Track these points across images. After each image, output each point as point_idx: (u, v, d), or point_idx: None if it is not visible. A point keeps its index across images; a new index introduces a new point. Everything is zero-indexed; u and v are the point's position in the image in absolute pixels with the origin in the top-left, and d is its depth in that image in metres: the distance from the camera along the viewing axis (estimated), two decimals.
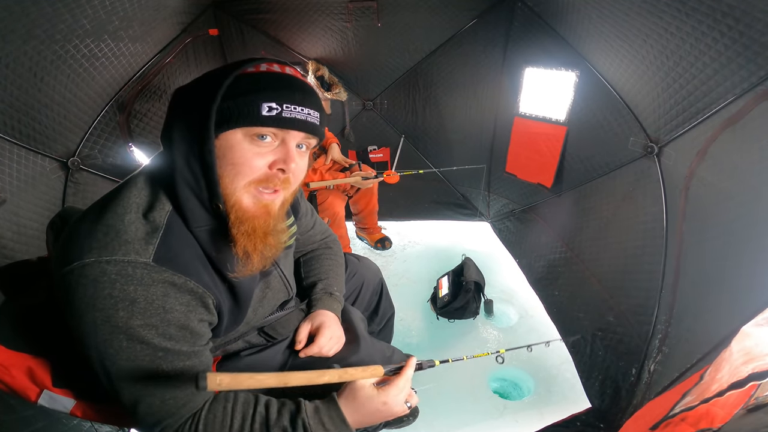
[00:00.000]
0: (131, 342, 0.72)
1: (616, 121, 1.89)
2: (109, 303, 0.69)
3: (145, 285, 0.71)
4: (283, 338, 1.12)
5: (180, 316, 0.76)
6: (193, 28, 2.19)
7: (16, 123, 1.46)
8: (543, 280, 2.43)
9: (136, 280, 0.70)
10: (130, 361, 0.73)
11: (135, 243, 0.71)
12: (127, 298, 0.70)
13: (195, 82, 0.79)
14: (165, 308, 0.73)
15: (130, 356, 0.73)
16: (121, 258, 0.69)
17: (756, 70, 1.16)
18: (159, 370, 0.75)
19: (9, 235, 1.43)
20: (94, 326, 0.70)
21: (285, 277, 1.10)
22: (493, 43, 2.51)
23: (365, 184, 2.55)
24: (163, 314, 0.73)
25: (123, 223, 0.72)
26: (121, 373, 0.73)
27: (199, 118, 0.74)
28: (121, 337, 0.71)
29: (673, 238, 1.54)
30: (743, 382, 0.71)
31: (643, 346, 1.57)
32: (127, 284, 0.70)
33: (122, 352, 0.72)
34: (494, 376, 1.98)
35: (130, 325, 0.71)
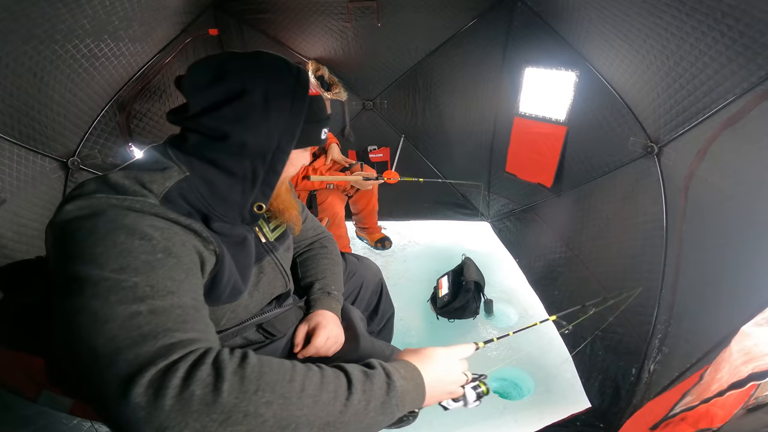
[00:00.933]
0: (131, 237, 0.64)
1: (616, 120, 1.89)
2: (120, 213, 0.67)
3: (152, 215, 0.70)
4: (282, 335, 1.12)
5: (187, 238, 0.73)
6: (193, 28, 2.19)
7: (16, 123, 1.46)
8: (543, 280, 2.43)
9: (145, 210, 0.70)
10: (120, 257, 0.61)
11: (140, 192, 0.72)
12: (134, 208, 0.69)
13: (266, 85, 0.81)
14: (173, 230, 0.72)
15: (123, 251, 0.62)
16: (129, 197, 0.70)
17: (756, 70, 1.16)
18: (154, 275, 0.63)
19: (9, 235, 1.44)
20: (94, 229, 0.63)
21: (281, 266, 1.10)
22: (493, 42, 2.51)
23: (365, 185, 2.55)
24: (171, 228, 0.71)
25: (126, 182, 0.73)
26: (104, 273, 0.60)
27: (282, 136, 0.84)
28: (120, 232, 0.64)
29: (673, 237, 1.54)
30: (743, 382, 0.71)
31: (642, 346, 1.57)
32: (138, 215, 0.68)
33: (113, 248, 0.62)
34: (494, 375, 1.98)
35: (136, 223, 0.66)
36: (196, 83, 0.81)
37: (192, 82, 0.81)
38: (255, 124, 0.81)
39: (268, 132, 0.82)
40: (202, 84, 0.81)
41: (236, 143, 0.80)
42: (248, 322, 1.04)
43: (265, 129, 0.82)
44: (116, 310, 0.57)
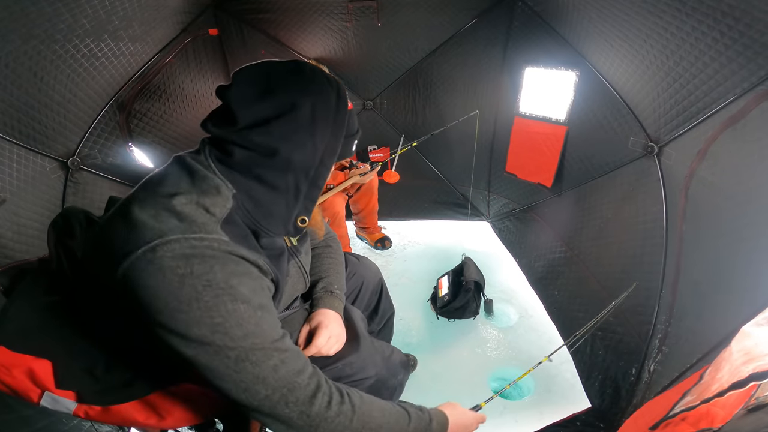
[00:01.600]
0: (235, 302, 0.73)
1: (616, 120, 1.89)
2: (206, 267, 0.71)
3: (229, 258, 0.75)
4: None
5: (259, 278, 0.81)
6: (192, 28, 2.19)
7: (16, 123, 1.46)
8: (543, 280, 2.43)
9: (221, 253, 0.74)
10: (239, 326, 0.73)
11: (209, 225, 0.75)
12: (220, 261, 0.73)
13: (313, 101, 0.82)
14: (249, 271, 0.78)
15: (238, 319, 0.73)
16: (205, 235, 0.73)
17: (756, 69, 1.16)
18: (264, 330, 0.76)
19: (9, 235, 1.43)
20: (196, 294, 0.70)
21: (304, 269, 1.14)
22: (493, 42, 2.51)
23: (364, 179, 2.55)
24: (249, 275, 0.78)
25: (190, 211, 0.75)
26: (236, 342, 0.73)
27: (325, 151, 0.86)
28: (226, 299, 0.72)
29: (673, 237, 1.54)
30: (743, 382, 0.71)
31: (643, 346, 1.57)
32: (214, 256, 0.73)
33: (230, 317, 0.72)
34: (494, 375, 1.98)
35: (230, 284, 0.73)
36: (244, 97, 0.80)
37: (241, 96, 0.80)
38: (302, 140, 0.82)
39: (314, 148, 0.84)
40: (250, 98, 0.80)
41: (284, 160, 0.81)
42: None
43: (311, 145, 0.83)
44: (262, 369, 0.75)
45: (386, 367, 1.26)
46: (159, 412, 0.95)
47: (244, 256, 0.77)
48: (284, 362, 0.77)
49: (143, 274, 0.70)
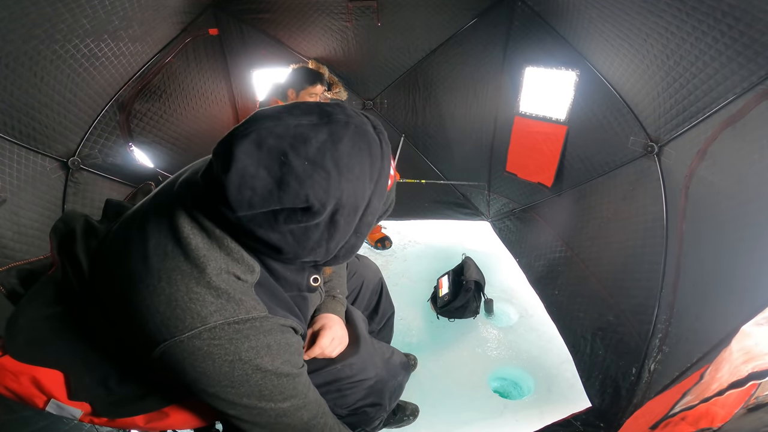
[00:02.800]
0: (280, 378, 0.81)
1: (616, 120, 1.89)
2: (253, 353, 0.76)
3: (272, 332, 0.79)
4: None
5: (296, 343, 0.87)
6: (192, 28, 2.19)
7: (16, 123, 1.46)
8: (543, 280, 2.43)
9: (264, 330, 0.77)
10: (281, 394, 0.82)
11: (246, 301, 0.75)
12: (264, 344, 0.77)
13: (338, 203, 0.68)
14: (289, 342, 0.84)
15: (282, 390, 0.82)
16: (245, 316, 0.75)
17: (756, 69, 1.16)
18: (300, 392, 0.87)
19: (9, 235, 1.44)
20: (246, 377, 0.76)
21: (321, 288, 1.18)
22: (494, 42, 2.51)
23: None
24: (288, 347, 0.83)
25: (225, 284, 0.73)
26: (278, 405, 0.83)
27: (345, 247, 0.81)
28: (272, 377, 0.79)
29: (674, 237, 1.54)
30: (743, 382, 0.71)
31: (643, 346, 1.57)
32: (259, 335, 0.76)
33: (276, 390, 0.81)
34: (494, 375, 1.98)
35: (276, 365, 0.79)
36: (244, 184, 0.63)
37: (239, 181, 0.63)
38: (314, 244, 0.73)
39: (327, 251, 0.77)
40: (253, 186, 0.63)
41: (290, 257, 0.77)
42: None
43: (324, 249, 0.76)
44: (294, 419, 0.87)
45: (386, 369, 1.26)
46: (161, 417, 0.95)
47: (281, 324, 0.82)
48: (308, 410, 0.89)
49: (189, 358, 0.73)
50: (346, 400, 1.15)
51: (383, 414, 1.30)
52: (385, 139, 0.76)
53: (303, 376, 0.89)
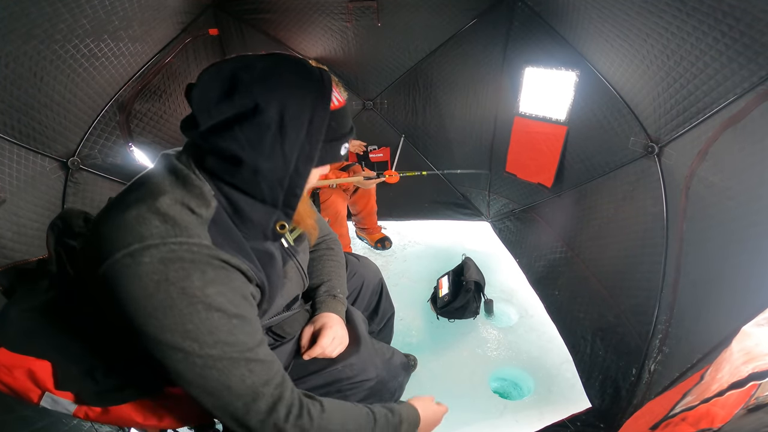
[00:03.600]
0: (209, 311, 0.72)
1: (616, 120, 1.89)
2: (182, 274, 0.71)
3: (209, 263, 0.74)
4: (291, 338, 1.14)
5: (241, 285, 0.79)
6: (193, 28, 2.19)
7: (16, 123, 1.46)
8: (543, 280, 2.43)
9: (202, 257, 0.73)
10: (210, 334, 0.73)
11: (192, 228, 0.74)
12: (198, 269, 0.72)
13: (281, 103, 0.76)
14: (230, 278, 0.77)
15: (210, 328, 0.73)
16: (185, 240, 0.72)
17: (757, 69, 1.16)
18: (238, 340, 0.76)
19: (9, 235, 1.43)
20: (171, 302, 0.70)
21: (302, 269, 1.13)
22: (493, 42, 2.51)
23: (367, 185, 2.56)
24: (229, 283, 0.76)
25: (174, 212, 0.74)
26: (204, 350, 0.73)
27: (299, 160, 0.81)
28: (199, 307, 0.71)
29: (674, 237, 1.54)
30: (743, 382, 0.71)
31: (643, 346, 1.57)
32: (194, 260, 0.72)
33: (202, 325, 0.72)
34: (494, 375, 1.98)
35: (206, 293, 0.72)
36: (204, 97, 0.75)
37: (200, 95, 0.75)
38: (269, 148, 0.77)
39: (284, 156, 0.78)
40: (210, 97, 0.75)
41: (250, 169, 0.77)
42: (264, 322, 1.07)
43: (280, 153, 0.78)
44: (228, 378, 0.75)
45: (387, 369, 1.26)
46: (158, 413, 0.95)
47: (227, 260, 0.76)
48: (252, 372, 0.77)
49: (121, 278, 0.69)
50: (347, 401, 1.15)
51: None
52: (327, 74, 0.83)
53: (247, 324, 0.78)
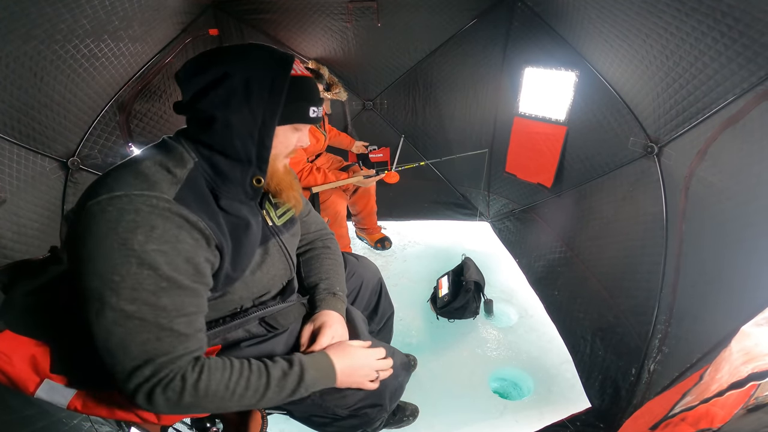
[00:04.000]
0: (141, 267, 0.75)
1: (616, 121, 1.89)
2: (130, 226, 0.75)
3: (165, 216, 0.79)
4: (283, 330, 1.14)
5: (189, 248, 0.82)
6: (193, 28, 2.19)
7: (16, 123, 1.46)
8: (543, 280, 2.43)
9: (158, 210, 0.78)
10: (133, 290, 0.75)
11: (160, 184, 0.81)
12: (148, 223, 0.77)
13: (246, 70, 0.88)
14: (178, 238, 0.80)
15: (135, 284, 0.75)
16: (148, 193, 0.79)
17: (756, 70, 1.16)
18: (159, 303, 0.78)
19: (9, 235, 1.44)
20: (110, 251, 0.75)
21: (286, 249, 1.13)
22: (493, 42, 2.51)
23: (367, 183, 2.56)
24: (175, 243, 0.80)
25: (150, 170, 0.83)
26: (120, 303, 0.75)
27: (265, 114, 0.90)
28: (132, 261, 0.75)
29: (673, 237, 1.54)
30: (743, 382, 0.71)
31: (642, 346, 1.57)
32: (150, 213, 0.77)
33: (128, 278, 0.75)
34: (494, 375, 1.98)
35: (145, 249, 0.76)
36: (186, 73, 0.90)
37: (184, 73, 0.91)
38: (238, 105, 0.87)
39: (251, 111, 0.88)
40: (191, 73, 0.89)
41: (223, 124, 0.88)
42: (251, 315, 1.06)
43: (247, 109, 0.88)
44: (133, 338, 0.77)
45: None
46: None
47: (185, 216, 0.81)
48: (159, 340, 0.79)
49: (83, 224, 0.77)
50: (346, 400, 1.15)
51: (384, 415, 1.30)
52: (290, 55, 0.94)
53: (179, 290, 0.80)
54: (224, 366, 0.88)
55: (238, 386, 0.88)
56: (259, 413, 1.11)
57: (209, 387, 0.84)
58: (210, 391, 0.84)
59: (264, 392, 0.90)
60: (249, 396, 0.89)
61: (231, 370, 0.88)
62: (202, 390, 0.83)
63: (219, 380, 0.86)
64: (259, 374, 0.91)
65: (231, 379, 0.87)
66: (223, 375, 0.86)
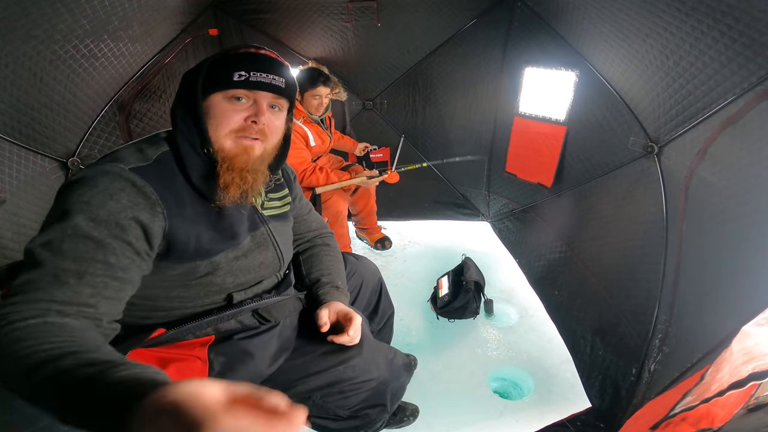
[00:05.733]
0: (64, 214, 0.79)
1: (615, 120, 1.89)
2: (83, 183, 0.82)
3: (111, 178, 0.84)
4: (276, 323, 1.13)
5: (118, 207, 0.83)
6: (192, 28, 2.19)
7: (16, 123, 1.46)
8: (543, 280, 2.43)
9: (109, 174, 0.84)
10: (45, 234, 0.78)
11: (126, 159, 0.88)
12: (93, 182, 0.82)
13: (196, 65, 1.00)
14: (113, 196, 0.82)
15: (51, 225, 0.79)
16: (112, 163, 0.86)
17: (756, 69, 1.16)
18: (61, 249, 0.77)
19: (9, 236, 1.43)
20: (56, 203, 0.82)
21: (275, 240, 1.13)
22: (493, 42, 2.51)
23: (370, 184, 2.57)
24: (107, 199, 0.82)
25: (124, 152, 0.91)
26: (34, 243, 0.77)
27: (191, 86, 0.96)
28: (61, 207, 0.80)
29: (674, 237, 1.54)
30: (743, 382, 0.70)
31: (643, 346, 1.57)
32: (100, 175, 0.83)
33: (52, 222, 0.79)
34: (494, 375, 1.98)
35: (76, 200, 0.80)
36: None
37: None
38: (180, 88, 0.99)
39: (186, 88, 0.98)
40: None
41: (173, 107, 0.98)
42: (245, 307, 1.06)
43: (182, 88, 0.99)
44: (32, 267, 0.77)
45: (389, 370, 1.26)
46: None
47: (130, 179, 0.84)
48: (37, 281, 0.75)
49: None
50: (348, 401, 1.15)
51: (385, 415, 1.30)
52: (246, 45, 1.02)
53: (85, 242, 0.78)
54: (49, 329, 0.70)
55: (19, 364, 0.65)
56: None
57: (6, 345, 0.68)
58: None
59: None
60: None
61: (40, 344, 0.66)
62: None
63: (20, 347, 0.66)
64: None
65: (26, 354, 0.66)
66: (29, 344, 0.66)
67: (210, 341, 1.02)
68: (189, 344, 1.01)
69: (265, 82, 0.97)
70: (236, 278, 1.05)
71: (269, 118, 1.00)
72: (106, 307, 0.80)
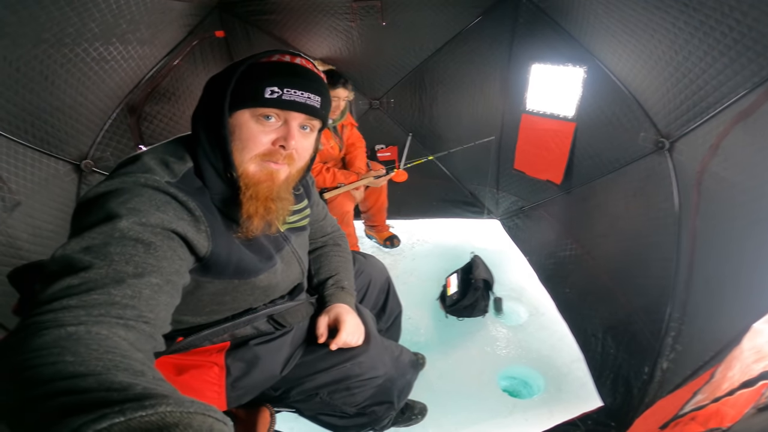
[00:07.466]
0: (103, 216, 0.70)
1: (625, 116, 1.87)
2: (118, 193, 0.74)
3: (156, 189, 0.77)
4: (290, 328, 1.14)
5: (166, 218, 0.75)
6: (199, 30, 2.21)
7: (29, 126, 1.49)
8: (553, 278, 2.41)
9: (148, 185, 0.77)
10: (90, 230, 0.69)
11: (156, 170, 0.80)
12: (139, 192, 0.75)
13: (222, 70, 0.91)
14: (159, 207, 0.76)
15: (92, 224, 0.70)
16: (147, 175, 0.78)
17: (766, 64, 1.14)
18: (106, 251, 0.67)
19: (24, 237, 1.46)
20: (92, 212, 0.72)
21: (297, 253, 1.13)
22: (499, 40, 2.50)
23: (377, 183, 2.57)
24: (152, 208, 0.74)
25: (150, 163, 0.82)
26: (69, 249, 0.67)
27: (217, 99, 0.86)
28: (101, 213, 0.71)
29: (686, 234, 1.51)
30: (754, 381, 0.69)
31: (655, 344, 1.55)
32: (144, 187, 0.76)
33: (91, 217, 0.71)
34: (504, 374, 1.97)
35: (120, 206, 0.71)
36: None
37: None
38: (203, 97, 0.92)
39: (211, 102, 0.89)
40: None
41: (194, 120, 0.91)
42: (260, 312, 1.07)
43: (207, 98, 0.90)
44: (65, 249, 0.68)
45: (395, 367, 1.26)
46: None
47: (172, 193, 0.78)
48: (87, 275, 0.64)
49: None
50: (355, 398, 1.16)
51: (392, 413, 1.31)
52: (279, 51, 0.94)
53: (130, 246, 0.69)
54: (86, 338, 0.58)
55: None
56: (267, 410, 1.12)
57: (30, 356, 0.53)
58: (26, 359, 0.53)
59: None
60: None
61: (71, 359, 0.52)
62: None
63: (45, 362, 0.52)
64: None
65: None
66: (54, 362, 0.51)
67: (226, 347, 1.04)
68: (206, 350, 1.02)
69: (299, 102, 0.87)
70: (267, 297, 1.07)
71: (299, 141, 0.91)
72: (161, 314, 0.71)
